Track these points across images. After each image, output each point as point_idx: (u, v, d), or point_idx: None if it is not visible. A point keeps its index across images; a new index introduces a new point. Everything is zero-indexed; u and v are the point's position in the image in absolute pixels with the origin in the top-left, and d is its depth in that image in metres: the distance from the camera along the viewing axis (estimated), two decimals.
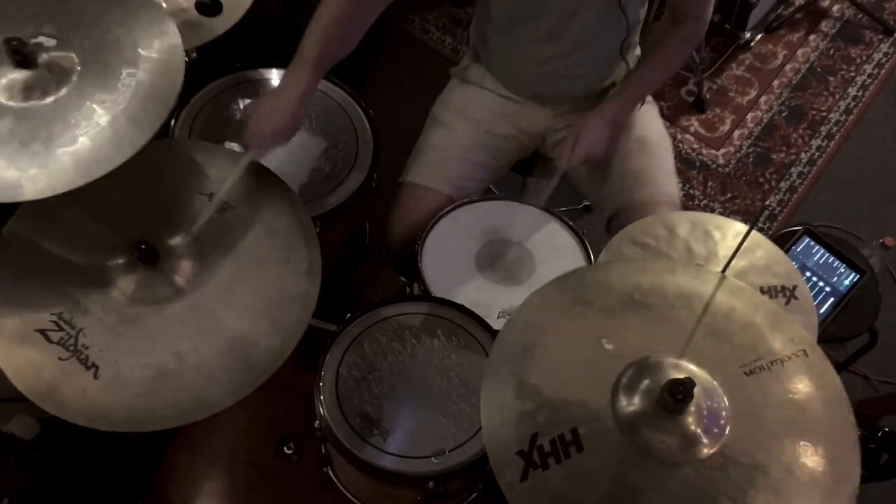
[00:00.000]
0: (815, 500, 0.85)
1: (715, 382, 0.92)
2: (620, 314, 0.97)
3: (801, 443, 0.88)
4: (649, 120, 1.58)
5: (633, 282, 1.00)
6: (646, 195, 1.48)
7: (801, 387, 0.92)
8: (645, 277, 1.01)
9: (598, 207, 1.61)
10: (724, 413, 0.90)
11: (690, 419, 0.88)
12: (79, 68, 1.12)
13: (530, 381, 0.91)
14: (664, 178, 1.52)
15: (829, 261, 1.59)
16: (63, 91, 1.10)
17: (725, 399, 0.90)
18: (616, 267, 1.07)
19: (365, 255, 1.84)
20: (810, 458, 0.87)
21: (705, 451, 0.87)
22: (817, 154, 2.47)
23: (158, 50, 1.15)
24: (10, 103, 1.08)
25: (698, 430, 0.88)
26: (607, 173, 1.54)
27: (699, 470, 0.86)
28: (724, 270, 1.07)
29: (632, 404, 0.89)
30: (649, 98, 1.60)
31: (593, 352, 0.93)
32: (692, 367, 0.93)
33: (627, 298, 0.99)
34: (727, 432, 0.88)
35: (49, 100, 1.09)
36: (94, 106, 1.09)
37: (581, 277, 1.03)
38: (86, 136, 1.06)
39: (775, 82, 2.63)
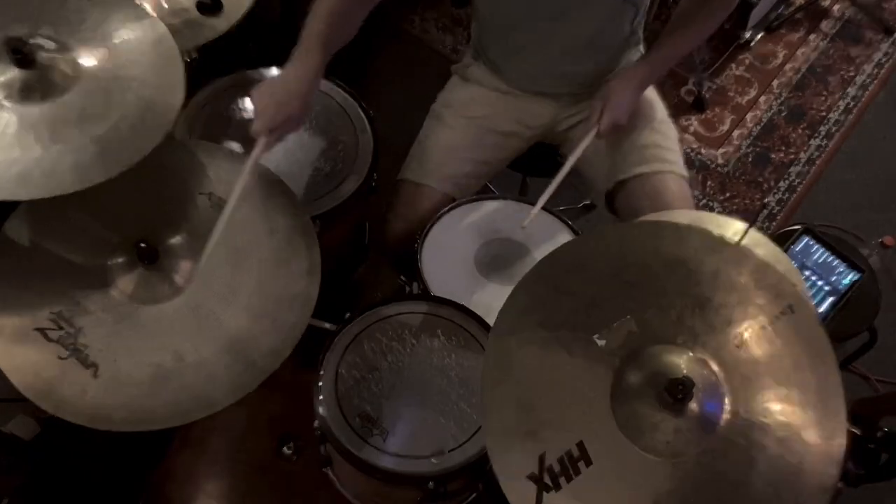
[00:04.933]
0: (811, 463, 0.86)
1: (711, 364, 0.91)
2: (607, 299, 0.95)
3: (795, 408, 0.89)
4: (655, 104, 1.57)
5: (618, 258, 0.98)
6: (654, 167, 1.47)
7: (790, 349, 0.92)
8: (629, 251, 0.99)
9: (600, 183, 1.57)
10: (723, 397, 0.90)
11: (692, 411, 0.88)
12: (80, 72, 1.12)
13: (529, 400, 0.90)
14: (673, 154, 1.51)
15: (829, 260, 1.59)
16: (64, 94, 1.10)
17: (722, 378, 0.91)
18: (596, 245, 1.02)
19: (365, 255, 1.84)
20: (804, 422, 0.88)
21: (709, 437, 0.88)
22: (816, 154, 2.47)
23: (156, 56, 1.16)
24: (9, 104, 1.08)
25: (700, 421, 0.88)
26: (616, 147, 1.52)
27: (706, 456, 0.86)
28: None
29: (632, 407, 0.89)
30: (652, 89, 1.60)
31: (586, 350, 0.92)
32: (687, 354, 0.92)
33: (613, 281, 0.96)
34: (727, 415, 0.89)
35: (48, 101, 1.09)
36: (95, 111, 1.09)
37: (558, 264, 0.99)
38: (87, 140, 1.06)
39: (775, 82, 2.63)
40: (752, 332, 0.92)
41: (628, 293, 0.95)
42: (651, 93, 1.58)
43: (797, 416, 0.89)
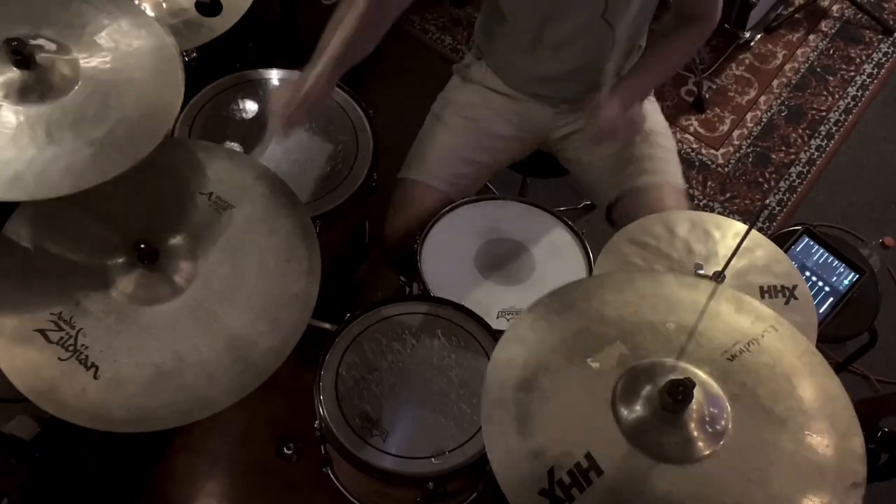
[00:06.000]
0: (829, 459, 0.87)
1: (704, 374, 0.92)
2: (594, 330, 0.98)
3: (800, 407, 0.91)
4: (653, 114, 1.58)
5: (598, 300, 1.01)
6: (651, 180, 1.48)
7: (781, 358, 0.94)
8: (608, 294, 1.02)
9: (598, 195, 1.59)
10: (723, 400, 0.90)
11: (695, 414, 0.88)
12: (79, 74, 1.11)
13: (531, 419, 0.90)
14: (669, 165, 1.52)
15: (829, 260, 1.59)
16: (62, 96, 1.09)
17: (719, 387, 0.92)
18: (577, 292, 1.05)
19: (365, 255, 1.84)
20: (813, 421, 0.90)
21: (718, 440, 0.88)
22: (817, 154, 2.47)
23: (156, 61, 1.16)
24: (7, 103, 1.07)
25: (705, 423, 0.88)
26: (611, 160, 1.53)
27: (718, 460, 0.87)
28: (723, 270, 1.08)
29: (635, 414, 0.89)
30: (651, 96, 1.60)
31: (581, 372, 0.93)
32: (682, 364, 0.93)
33: (597, 318, 0.99)
34: (731, 417, 0.89)
35: (46, 103, 1.08)
36: (92, 114, 1.09)
37: (544, 307, 1.01)
38: (82, 143, 1.06)
39: (775, 82, 2.63)
40: (741, 348, 0.95)
41: (614, 324, 0.98)
42: (650, 103, 1.58)
43: (804, 416, 0.90)
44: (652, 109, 1.58)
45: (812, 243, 1.61)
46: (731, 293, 1.01)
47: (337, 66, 1.24)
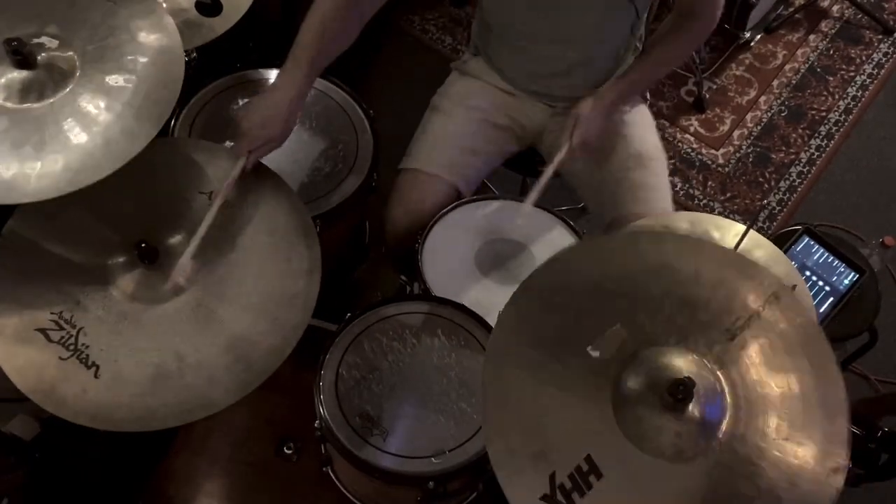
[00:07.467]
0: (812, 452, 0.86)
1: (705, 362, 0.91)
2: (594, 311, 0.95)
3: (794, 394, 0.89)
4: (646, 135, 1.57)
5: (599, 270, 0.98)
6: (640, 210, 1.48)
7: (781, 334, 0.93)
8: (609, 262, 0.99)
9: (596, 213, 1.61)
10: (722, 394, 0.90)
11: (694, 410, 0.88)
12: (77, 71, 1.11)
13: (532, 422, 0.89)
14: (659, 193, 1.52)
15: (829, 260, 1.59)
16: (60, 94, 1.09)
17: (719, 378, 0.91)
18: (575, 259, 1.02)
19: (365, 254, 1.84)
20: (803, 410, 0.89)
21: (715, 436, 0.88)
22: (817, 154, 2.47)
23: (159, 55, 1.15)
24: (7, 104, 1.07)
25: (704, 419, 0.88)
26: (603, 183, 1.53)
27: (714, 456, 0.87)
28: None
29: (635, 413, 0.89)
30: (647, 112, 1.60)
31: (581, 363, 0.92)
32: (682, 359, 0.92)
33: (597, 292, 0.96)
34: (729, 410, 0.89)
35: (45, 102, 1.08)
36: (90, 110, 1.09)
37: (540, 283, 0.98)
38: (79, 141, 1.06)
39: (775, 82, 2.63)
40: (742, 324, 0.93)
41: (614, 302, 0.96)
42: (644, 122, 1.57)
43: (798, 403, 0.89)
44: (646, 129, 1.57)
45: (812, 243, 1.61)
46: (733, 256, 0.99)
47: (313, 66, 1.25)
